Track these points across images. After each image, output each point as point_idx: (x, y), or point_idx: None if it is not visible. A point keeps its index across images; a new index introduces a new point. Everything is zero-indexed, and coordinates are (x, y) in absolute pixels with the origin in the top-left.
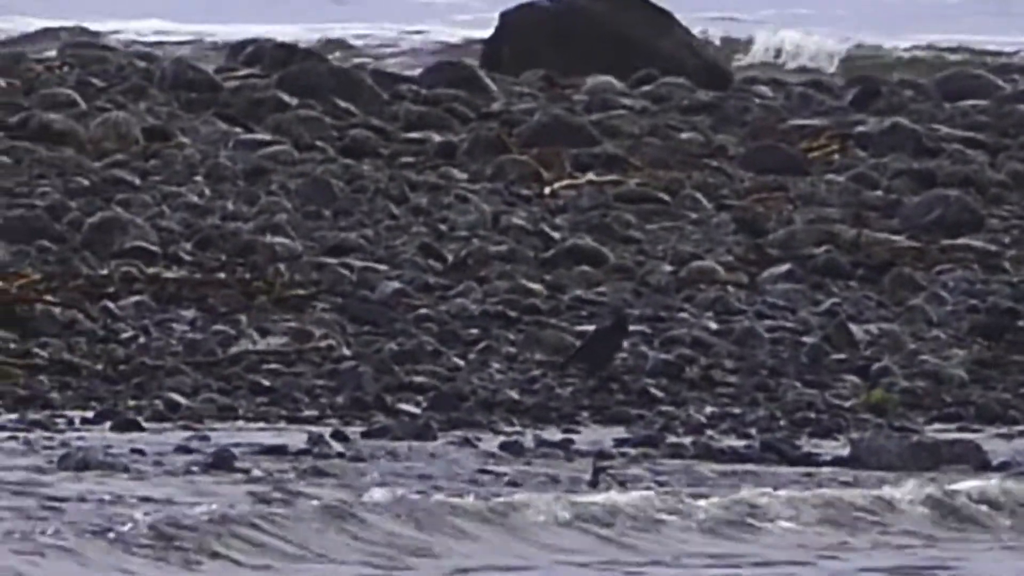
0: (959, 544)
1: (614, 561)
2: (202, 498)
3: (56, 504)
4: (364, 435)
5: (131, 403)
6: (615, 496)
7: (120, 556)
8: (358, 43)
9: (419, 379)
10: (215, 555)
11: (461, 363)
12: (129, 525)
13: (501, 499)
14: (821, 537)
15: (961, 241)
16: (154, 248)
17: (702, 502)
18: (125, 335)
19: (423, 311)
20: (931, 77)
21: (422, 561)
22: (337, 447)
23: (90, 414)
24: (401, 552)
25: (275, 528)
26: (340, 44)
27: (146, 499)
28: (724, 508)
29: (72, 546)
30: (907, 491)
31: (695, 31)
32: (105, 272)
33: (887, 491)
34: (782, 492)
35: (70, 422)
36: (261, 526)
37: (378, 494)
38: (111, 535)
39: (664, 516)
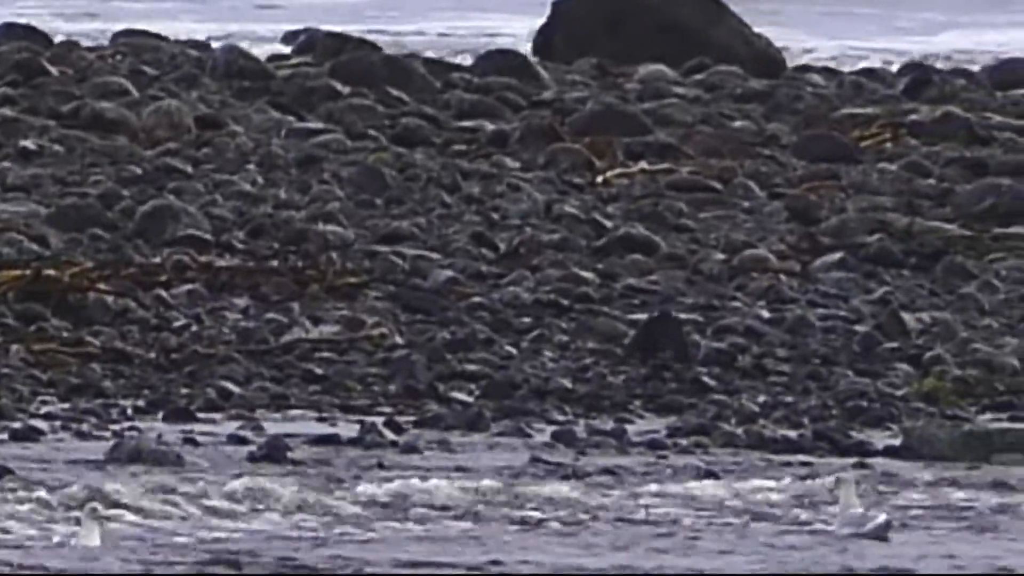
0: None
1: None
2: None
3: None
4: (416, 424)
5: (184, 392)
6: None
7: None
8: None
9: (471, 367)
10: None
11: (513, 351)
12: None
13: None
14: None
15: (1014, 230)
16: (207, 236)
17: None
18: (178, 323)
19: (475, 299)
20: (983, 66)
21: None
22: (390, 436)
23: (143, 403)
24: None
25: None
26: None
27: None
28: None
29: None
30: None
31: None
32: (158, 260)
33: None
34: None
35: (123, 411)
36: None
37: None
38: None
39: None
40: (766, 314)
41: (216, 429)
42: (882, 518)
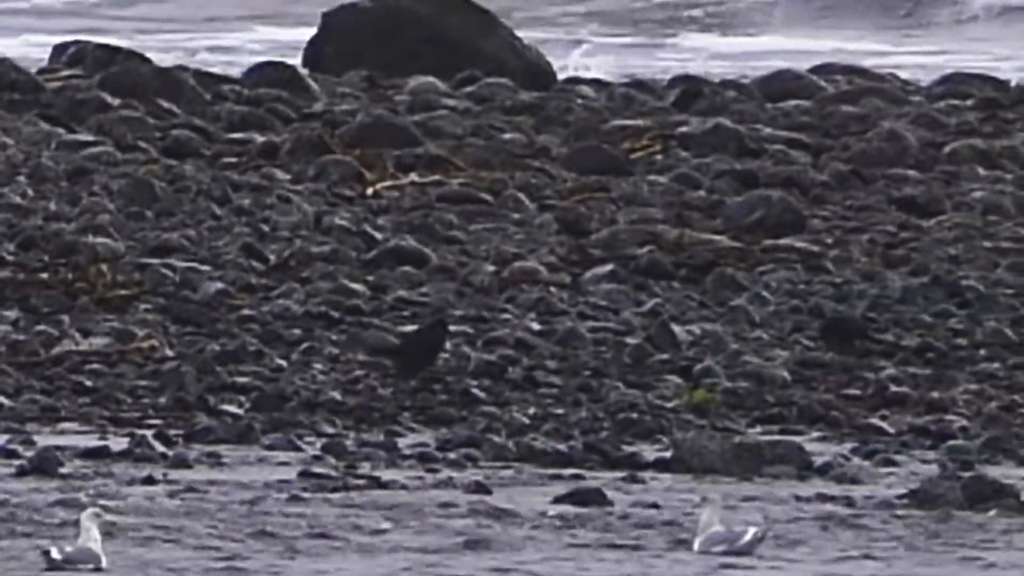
0: None
1: None
2: None
3: None
4: (187, 437)
5: None
6: None
7: None
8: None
9: (242, 380)
10: None
11: (284, 363)
12: None
13: None
14: None
15: (784, 241)
16: None
17: None
18: None
19: (246, 311)
20: (754, 78)
21: None
22: (160, 448)
23: None
24: None
25: None
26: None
27: None
28: None
29: None
30: None
31: None
32: None
33: None
34: None
35: None
36: None
37: None
38: None
39: None
40: (536, 326)
41: None
42: (751, 531)
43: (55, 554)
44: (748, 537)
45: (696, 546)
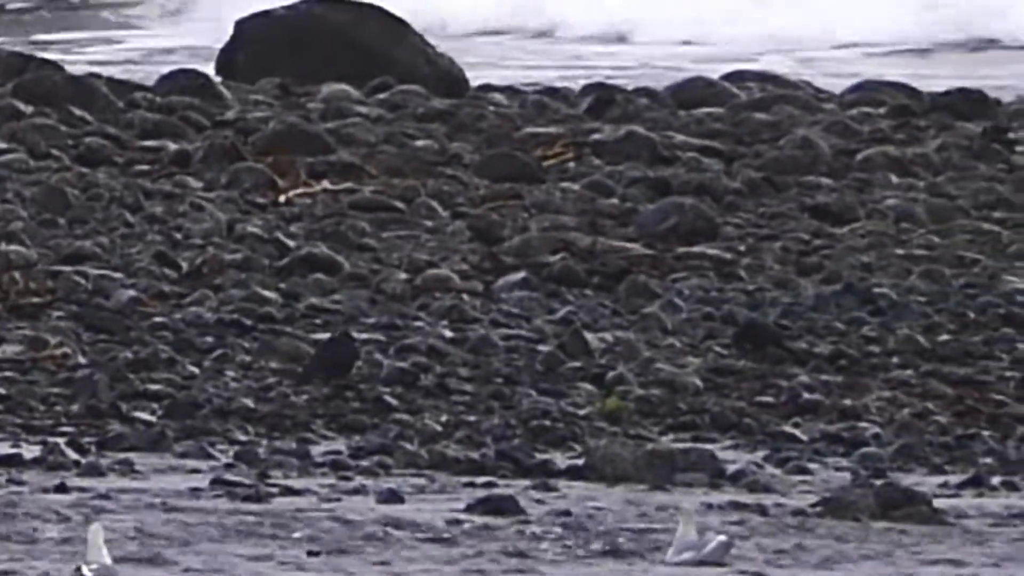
0: None
1: None
2: None
3: None
4: (99, 445)
5: None
6: None
7: None
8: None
9: (154, 387)
10: None
11: (196, 371)
12: None
13: None
14: None
15: (696, 249)
16: None
17: None
18: None
19: (158, 319)
20: (666, 85)
21: None
22: (73, 456)
23: None
24: None
25: None
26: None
27: None
28: None
29: None
30: None
31: None
32: None
33: None
34: None
35: None
36: None
37: None
38: None
39: None
40: (449, 333)
41: None
42: (720, 539)
43: (86, 571)
44: (713, 545)
45: (669, 556)
